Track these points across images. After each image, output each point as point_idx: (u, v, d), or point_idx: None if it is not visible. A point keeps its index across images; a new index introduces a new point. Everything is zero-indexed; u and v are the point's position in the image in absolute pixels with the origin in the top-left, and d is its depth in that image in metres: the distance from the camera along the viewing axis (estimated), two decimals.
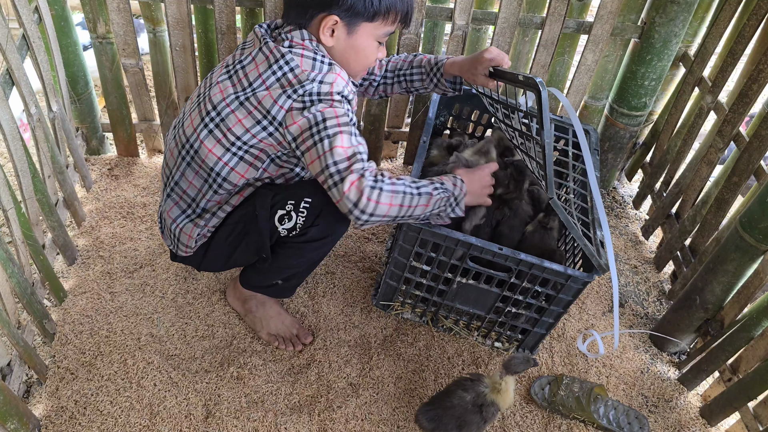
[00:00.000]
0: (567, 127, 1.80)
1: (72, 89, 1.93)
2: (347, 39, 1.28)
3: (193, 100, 1.38)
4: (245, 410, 1.49)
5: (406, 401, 1.56)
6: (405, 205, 1.23)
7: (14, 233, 1.41)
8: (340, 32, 1.26)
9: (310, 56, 1.24)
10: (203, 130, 1.31)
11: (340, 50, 1.30)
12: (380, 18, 1.27)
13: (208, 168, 1.34)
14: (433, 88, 1.59)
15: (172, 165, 1.41)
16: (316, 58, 1.24)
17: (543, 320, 1.57)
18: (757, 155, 1.60)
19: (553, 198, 1.31)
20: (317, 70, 1.23)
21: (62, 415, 1.43)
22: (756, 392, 1.45)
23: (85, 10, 1.80)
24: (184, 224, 1.43)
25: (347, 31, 1.27)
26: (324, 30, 1.25)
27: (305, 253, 1.46)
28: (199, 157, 1.33)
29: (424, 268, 1.55)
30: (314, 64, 1.24)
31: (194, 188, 1.39)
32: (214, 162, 1.32)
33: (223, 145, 1.30)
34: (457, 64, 1.51)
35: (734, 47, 1.72)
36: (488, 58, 1.43)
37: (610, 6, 1.83)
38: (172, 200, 1.44)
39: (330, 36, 1.26)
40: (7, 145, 1.40)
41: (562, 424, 1.58)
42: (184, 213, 1.43)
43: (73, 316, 1.63)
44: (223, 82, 1.30)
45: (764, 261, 1.49)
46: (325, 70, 1.24)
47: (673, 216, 2.03)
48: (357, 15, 1.24)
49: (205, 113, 1.31)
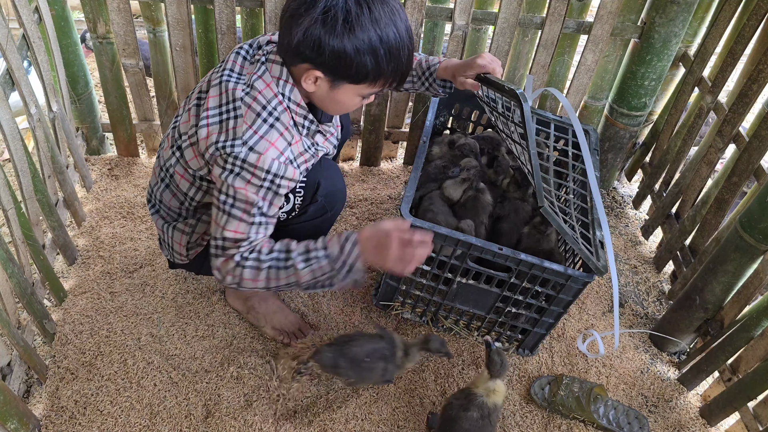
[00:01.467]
0: (567, 127, 1.80)
1: (72, 89, 1.93)
2: (329, 91, 1.20)
3: (174, 120, 1.38)
4: (245, 410, 1.49)
5: (406, 401, 1.56)
6: (271, 279, 1.23)
7: (14, 233, 1.41)
8: (322, 83, 1.18)
9: (257, 110, 1.17)
10: (172, 157, 1.32)
11: (321, 97, 1.23)
12: (367, 82, 1.18)
13: (182, 192, 1.35)
14: (424, 90, 1.58)
15: (153, 183, 1.44)
16: (260, 114, 1.17)
17: (543, 320, 1.57)
18: (757, 155, 1.60)
19: (544, 206, 1.32)
20: (255, 128, 1.16)
21: (62, 415, 1.43)
22: (756, 392, 1.45)
23: (85, 10, 1.80)
24: (172, 233, 1.44)
25: (330, 86, 1.19)
26: (306, 80, 1.17)
27: (305, 234, 1.46)
28: (174, 183, 1.35)
29: (424, 268, 1.55)
30: (255, 121, 1.16)
31: (173, 208, 1.41)
32: (187, 187, 1.34)
33: (187, 178, 1.32)
34: (450, 68, 1.48)
35: (734, 47, 1.72)
36: (480, 64, 1.40)
37: (610, 6, 1.83)
38: (158, 214, 1.46)
39: (312, 83, 1.18)
40: (7, 145, 1.40)
41: (562, 424, 1.58)
42: (168, 223, 1.45)
43: (73, 316, 1.63)
44: (191, 110, 1.29)
45: (764, 261, 1.49)
46: (262, 131, 1.16)
47: (673, 216, 2.03)
48: (341, 77, 1.16)
49: (173, 141, 1.32)
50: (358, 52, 1.11)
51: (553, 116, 1.81)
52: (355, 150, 2.34)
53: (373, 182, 2.22)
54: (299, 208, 1.40)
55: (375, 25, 1.10)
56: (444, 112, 1.96)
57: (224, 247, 1.22)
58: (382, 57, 1.13)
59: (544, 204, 1.32)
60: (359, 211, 2.07)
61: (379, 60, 1.13)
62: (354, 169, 2.28)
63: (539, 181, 1.32)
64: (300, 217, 1.42)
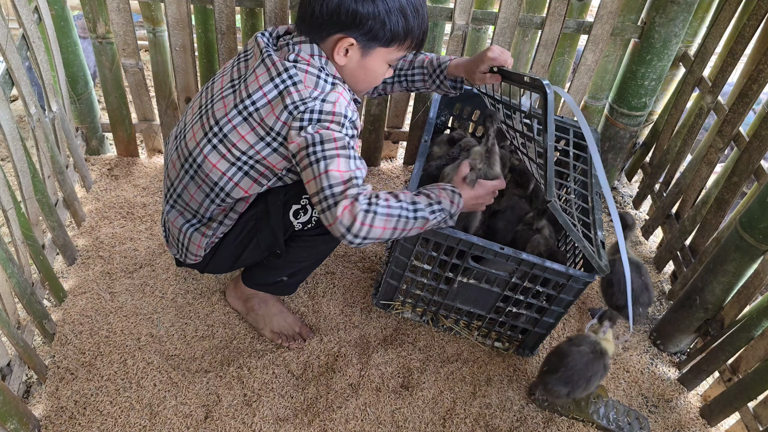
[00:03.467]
0: (567, 127, 1.80)
1: (72, 89, 1.93)
2: (360, 60, 1.27)
3: (194, 111, 1.36)
4: (245, 410, 1.49)
5: (406, 401, 1.56)
6: (399, 228, 1.21)
7: (14, 233, 1.40)
8: (354, 53, 1.25)
9: (315, 73, 1.22)
10: (207, 144, 1.29)
11: (351, 69, 1.28)
12: (396, 43, 1.25)
13: (212, 182, 1.33)
14: (435, 89, 1.58)
15: (173, 177, 1.40)
16: (320, 76, 1.22)
17: (543, 320, 1.57)
18: (757, 155, 1.60)
19: (552, 201, 1.31)
20: (320, 89, 1.21)
21: (62, 416, 1.43)
22: (756, 392, 1.45)
23: (85, 10, 1.80)
24: (191, 233, 1.42)
25: (361, 54, 1.25)
26: (339, 50, 1.23)
27: (317, 245, 1.47)
28: (203, 172, 1.32)
29: (425, 267, 1.55)
30: (317, 82, 1.21)
31: (196, 202, 1.38)
32: (219, 177, 1.31)
33: (228, 160, 1.29)
34: (461, 65, 1.49)
35: (734, 47, 1.72)
36: (491, 57, 1.40)
37: (610, 6, 1.83)
38: (176, 211, 1.43)
39: (344, 55, 1.24)
40: (6, 145, 1.40)
41: (562, 424, 1.57)
42: (188, 222, 1.42)
43: (72, 316, 1.63)
44: (227, 96, 1.28)
45: (764, 261, 1.49)
46: (328, 89, 1.22)
47: (673, 216, 2.03)
48: (374, 39, 1.23)
49: (209, 128, 1.29)
50: (389, 13, 1.19)
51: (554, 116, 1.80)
52: None
53: (373, 182, 2.22)
54: (316, 222, 1.40)
55: None
56: (445, 112, 1.96)
57: (335, 194, 1.14)
58: (410, 14, 1.22)
59: (553, 198, 1.30)
60: None
61: (408, 18, 1.22)
62: None
63: (551, 175, 1.29)
64: (315, 229, 1.42)
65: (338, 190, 1.14)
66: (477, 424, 1.54)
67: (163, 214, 1.50)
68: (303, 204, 1.38)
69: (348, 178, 1.16)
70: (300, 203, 1.38)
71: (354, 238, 1.15)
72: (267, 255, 1.49)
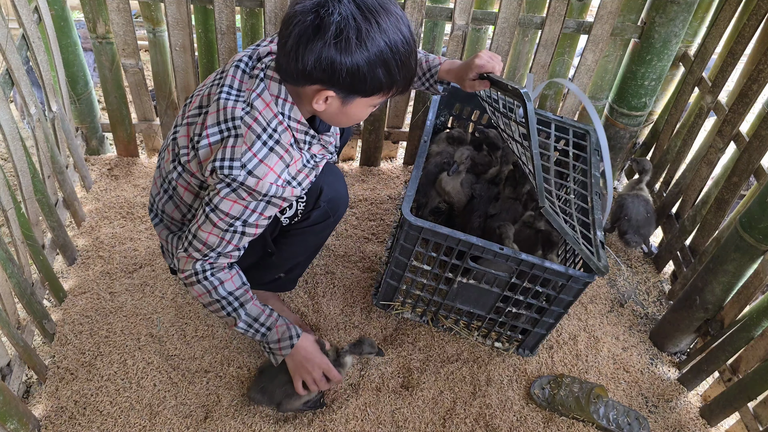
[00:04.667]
0: (567, 127, 1.80)
1: (72, 89, 1.93)
2: (340, 107, 1.19)
3: (172, 130, 1.35)
4: (245, 410, 1.49)
5: (406, 401, 1.56)
6: (211, 308, 1.35)
7: (14, 233, 1.40)
8: (333, 101, 1.17)
9: (257, 132, 1.16)
10: (175, 170, 1.31)
11: (330, 114, 1.22)
12: (380, 93, 1.17)
13: (187, 205, 1.34)
14: (424, 90, 1.59)
15: (155, 194, 1.42)
16: (261, 136, 1.16)
17: (543, 320, 1.57)
18: (757, 155, 1.60)
19: (544, 206, 1.32)
20: (255, 150, 1.15)
21: (62, 416, 1.43)
22: (756, 392, 1.45)
23: (84, 10, 1.80)
24: (176, 242, 1.43)
25: (341, 102, 1.18)
26: (317, 100, 1.16)
27: (308, 238, 1.47)
28: (178, 194, 1.34)
29: (424, 267, 1.55)
30: (255, 143, 1.15)
31: (178, 216, 1.39)
32: (192, 200, 1.32)
33: (191, 191, 1.30)
34: (452, 71, 1.49)
35: (734, 47, 1.72)
36: (479, 64, 1.40)
37: (610, 6, 1.83)
38: (163, 224, 1.45)
39: (323, 103, 1.17)
40: (6, 145, 1.40)
41: (562, 424, 1.57)
42: (173, 233, 1.43)
43: (72, 317, 1.63)
44: (191, 125, 1.27)
45: (764, 261, 1.49)
46: (262, 155, 1.16)
47: (673, 216, 2.03)
48: (354, 92, 1.15)
49: (175, 154, 1.30)
50: (371, 67, 1.10)
51: (553, 116, 1.81)
52: (355, 150, 2.34)
53: (373, 182, 2.22)
54: (302, 214, 1.40)
55: (384, 35, 1.09)
56: (444, 112, 1.96)
57: (192, 245, 1.26)
58: (394, 67, 1.12)
59: (545, 204, 1.32)
60: (359, 211, 2.07)
61: (391, 70, 1.13)
62: (354, 169, 2.28)
63: (540, 182, 1.32)
64: (302, 222, 1.42)
65: (195, 244, 1.26)
66: (477, 424, 1.54)
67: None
68: None
69: (207, 245, 1.25)
70: None
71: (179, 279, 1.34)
72: (261, 255, 1.49)
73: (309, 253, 1.57)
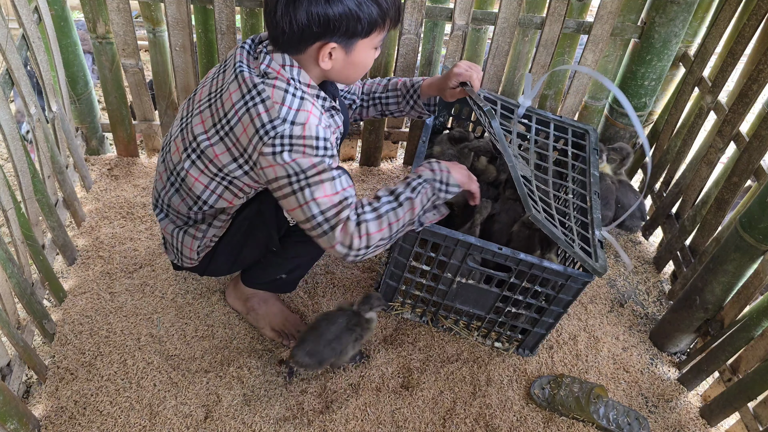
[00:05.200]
0: (566, 126, 1.80)
1: (72, 89, 1.93)
2: (345, 58, 1.23)
3: (177, 124, 1.37)
4: (245, 410, 1.49)
5: (406, 401, 1.56)
6: (392, 222, 1.24)
7: (14, 233, 1.41)
8: (337, 54, 1.21)
9: (282, 87, 1.18)
10: (187, 159, 1.30)
11: (339, 69, 1.25)
12: (376, 30, 1.21)
13: (195, 196, 1.34)
14: (410, 111, 1.62)
15: (160, 188, 1.41)
16: (288, 90, 1.19)
17: (543, 320, 1.57)
18: (757, 155, 1.60)
19: (532, 214, 1.33)
20: (288, 103, 1.17)
21: (62, 416, 1.43)
22: (756, 392, 1.45)
23: (84, 10, 1.80)
24: (182, 237, 1.43)
25: (345, 52, 1.22)
26: (322, 57, 1.20)
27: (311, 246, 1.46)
28: (186, 185, 1.33)
29: (423, 267, 1.55)
30: (285, 96, 1.17)
31: (184, 210, 1.39)
32: (201, 190, 1.32)
33: (208, 175, 1.29)
34: (434, 84, 1.53)
35: (734, 47, 1.72)
36: (456, 73, 1.46)
37: (610, 6, 1.83)
38: (168, 219, 1.44)
39: (329, 59, 1.21)
40: (6, 145, 1.40)
41: (562, 424, 1.57)
42: (179, 228, 1.43)
43: (72, 317, 1.63)
44: (204, 111, 1.27)
45: (764, 261, 1.49)
46: (296, 105, 1.18)
47: (673, 216, 2.03)
48: (354, 36, 1.19)
49: (188, 143, 1.30)
50: (360, 5, 1.15)
51: (552, 116, 1.81)
52: (355, 150, 2.34)
53: (373, 182, 2.22)
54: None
55: None
56: (444, 112, 1.96)
57: (329, 219, 1.19)
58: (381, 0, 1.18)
59: (532, 212, 1.34)
60: None
61: (380, 3, 1.18)
62: (354, 169, 2.28)
63: (522, 191, 1.35)
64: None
65: (331, 215, 1.18)
66: (477, 424, 1.54)
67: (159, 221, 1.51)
68: None
69: (338, 201, 1.19)
70: None
71: (357, 255, 1.21)
72: (265, 253, 1.49)
73: (312, 255, 1.57)
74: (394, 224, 1.24)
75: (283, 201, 1.22)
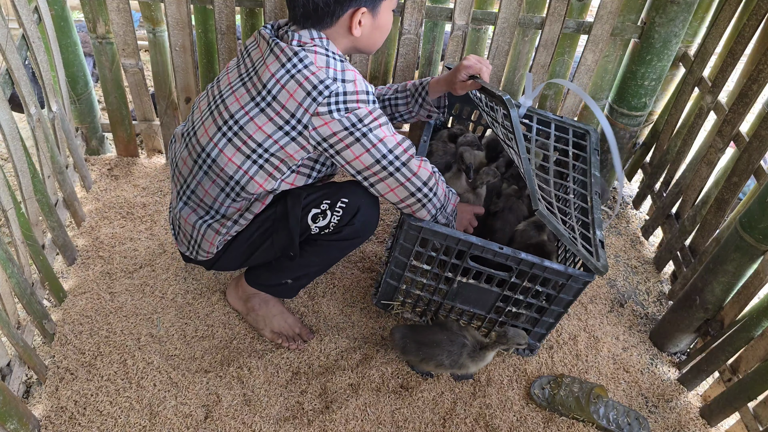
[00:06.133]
0: (567, 127, 1.80)
1: (72, 89, 1.93)
2: (373, 22, 1.29)
3: (202, 109, 1.36)
4: (245, 410, 1.49)
5: (406, 401, 1.56)
6: (441, 199, 1.40)
7: (14, 233, 1.40)
8: (366, 20, 1.27)
9: (323, 53, 1.24)
10: (221, 139, 1.29)
11: (366, 35, 1.31)
12: None
13: (227, 176, 1.33)
14: (419, 110, 1.63)
15: (186, 174, 1.40)
16: (328, 54, 1.24)
17: (543, 320, 1.57)
18: (757, 155, 1.60)
19: (539, 209, 1.33)
20: (332, 66, 1.23)
21: (62, 416, 1.43)
22: (756, 392, 1.45)
23: (84, 10, 1.80)
24: (204, 230, 1.42)
25: (372, 16, 1.28)
26: (354, 25, 1.26)
27: (330, 251, 1.48)
28: (218, 166, 1.32)
29: (424, 267, 1.55)
30: (328, 60, 1.23)
31: (210, 197, 1.38)
32: (234, 170, 1.31)
33: (244, 152, 1.29)
34: (442, 79, 1.56)
35: (734, 47, 1.72)
36: (466, 65, 1.49)
37: (610, 6, 1.83)
38: (189, 207, 1.43)
39: (359, 27, 1.27)
40: (6, 145, 1.40)
41: (562, 424, 1.57)
42: (202, 219, 1.42)
43: (72, 317, 1.63)
44: (237, 90, 1.28)
45: (764, 261, 1.49)
46: (340, 67, 1.24)
47: (673, 216, 2.03)
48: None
49: (222, 122, 1.29)
50: None
51: (553, 116, 1.81)
52: None
53: None
54: (334, 227, 1.41)
55: None
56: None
57: (399, 155, 1.29)
58: None
59: (539, 207, 1.33)
60: None
61: None
62: None
63: (532, 185, 1.33)
64: (333, 235, 1.43)
65: (400, 151, 1.29)
66: (477, 424, 1.54)
67: (172, 211, 1.50)
68: (323, 209, 1.39)
69: (402, 140, 1.30)
70: (320, 207, 1.39)
71: (429, 192, 1.35)
72: (279, 256, 1.49)
73: (323, 265, 1.57)
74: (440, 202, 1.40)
75: (345, 152, 1.27)
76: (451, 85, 1.54)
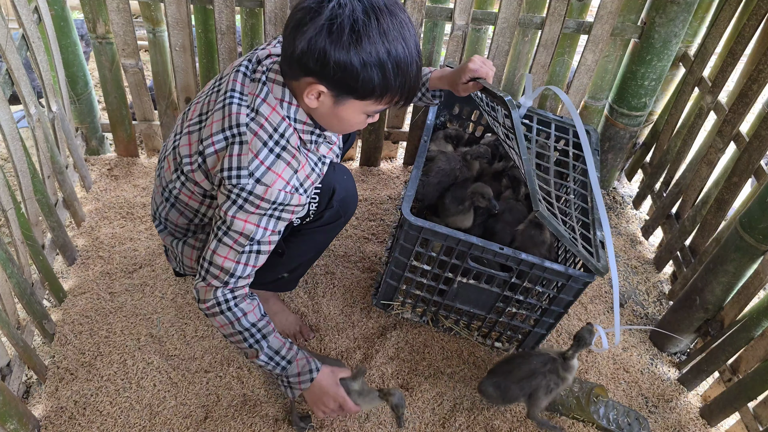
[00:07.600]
0: (568, 127, 1.80)
1: (72, 89, 1.93)
2: (332, 107, 1.15)
3: (172, 138, 1.34)
4: (245, 410, 1.49)
5: (406, 401, 1.56)
6: (233, 339, 1.32)
7: (14, 233, 1.40)
8: (325, 99, 1.14)
9: (263, 139, 1.14)
10: (177, 180, 1.30)
11: (323, 114, 1.18)
12: (372, 98, 1.13)
13: (192, 210, 1.34)
14: (416, 101, 1.60)
15: (158, 202, 1.40)
16: (267, 143, 1.14)
17: (543, 320, 1.57)
18: (757, 155, 1.60)
19: (539, 210, 1.33)
20: (262, 157, 1.13)
21: (62, 416, 1.43)
22: (756, 392, 1.45)
23: (84, 10, 1.80)
24: (181, 248, 1.43)
25: (334, 102, 1.14)
26: (309, 94, 1.13)
27: (317, 237, 1.47)
28: (181, 202, 1.33)
29: (424, 267, 1.55)
30: (261, 150, 1.13)
31: (182, 225, 1.39)
32: (197, 206, 1.32)
33: (195, 199, 1.30)
34: (445, 78, 1.50)
35: (734, 47, 1.72)
36: (472, 68, 1.41)
37: (610, 6, 1.83)
38: (167, 231, 1.44)
39: (315, 99, 1.13)
40: (6, 145, 1.40)
41: (562, 424, 1.57)
42: (177, 239, 1.43)
43: (72, 317, 1.63)
44: (192, 134, 1.26)
45: (764, 261, 1.49)
46: (269, 162, 1.14)
47: (673, 216, 2.03)
48: (347, 92, 1.11)
49: (177, 164, 1.29)
50: (364, 66, 1.06)
51: (553, 116, 1.81)
52: (355, 150, 2.34)
53: (373, 182, 2.22)
54: (314, 214, 1.41)
55: (383, 37, 1.05)
56: (444, 112, 1.97)
57: (210, 272, 1.23)
58: (389, 72, 1.08)
59: (539, 208, 1.33)
60: (359, 211, 2.07)
61: (386, 75, 1.08)
62: (354, 169, 2.28)
63: (533, 186, 1.33)
64: (315, 222, 1.42)
65: (213, 270, 1.23)
66: (477, 424, 1.54)
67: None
68: None
69: (225, 269, 1.22)
70: None
71: (200, 309, 1.32)
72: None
73: (314, 253, 1.57)
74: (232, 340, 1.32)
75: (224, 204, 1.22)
76: (454, 86, 1.50)
